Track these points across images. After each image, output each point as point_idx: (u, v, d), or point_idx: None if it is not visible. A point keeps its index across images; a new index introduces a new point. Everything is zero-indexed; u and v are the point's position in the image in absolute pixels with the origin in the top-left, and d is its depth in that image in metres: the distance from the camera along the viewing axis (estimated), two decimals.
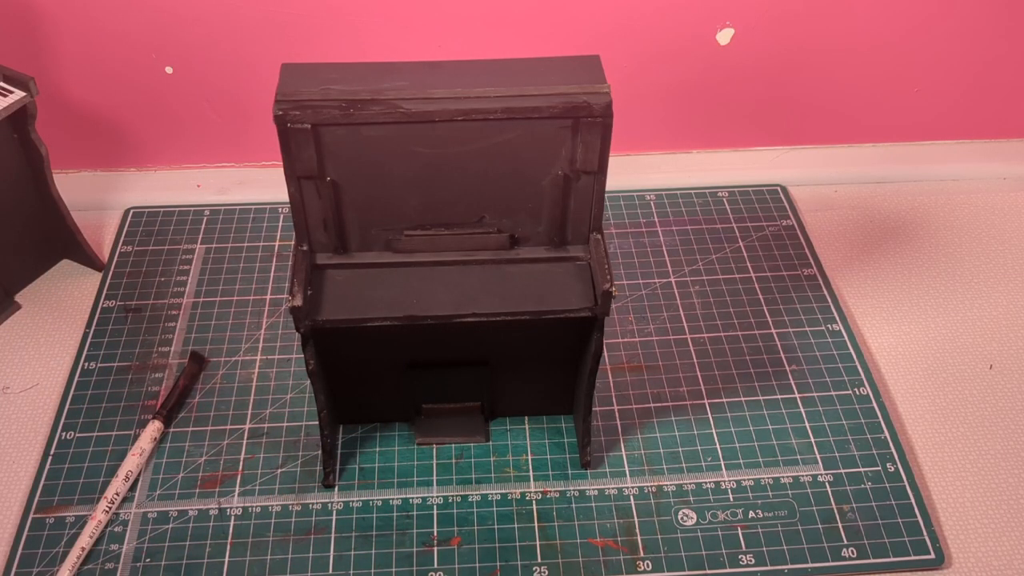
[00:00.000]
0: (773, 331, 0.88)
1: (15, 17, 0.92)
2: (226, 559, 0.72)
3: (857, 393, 0.83)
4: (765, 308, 0.91)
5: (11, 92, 0.80)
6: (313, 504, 0.75)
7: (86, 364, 0.85)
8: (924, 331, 0.90)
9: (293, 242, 0.69)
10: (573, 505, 0.75)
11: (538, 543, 0.73)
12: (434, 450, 0.79)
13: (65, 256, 0.95)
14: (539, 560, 0.72)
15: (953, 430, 0.81)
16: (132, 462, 0.76)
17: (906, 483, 0.76)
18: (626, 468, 0.77)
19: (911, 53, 0.98)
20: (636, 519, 0.74)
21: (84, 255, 0.93)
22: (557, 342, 0.74)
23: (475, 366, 0.76)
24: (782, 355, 0.86)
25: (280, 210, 1.01)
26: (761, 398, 0.83)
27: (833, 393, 0.83)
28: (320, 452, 0.77)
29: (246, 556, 0.72)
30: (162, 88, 0.98)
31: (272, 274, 0.93)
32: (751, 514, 0.74)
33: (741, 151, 1.06)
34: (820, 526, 0.74)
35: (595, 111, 0.62)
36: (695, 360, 0.86)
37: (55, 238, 0.92)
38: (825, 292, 0.92)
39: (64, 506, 0.75)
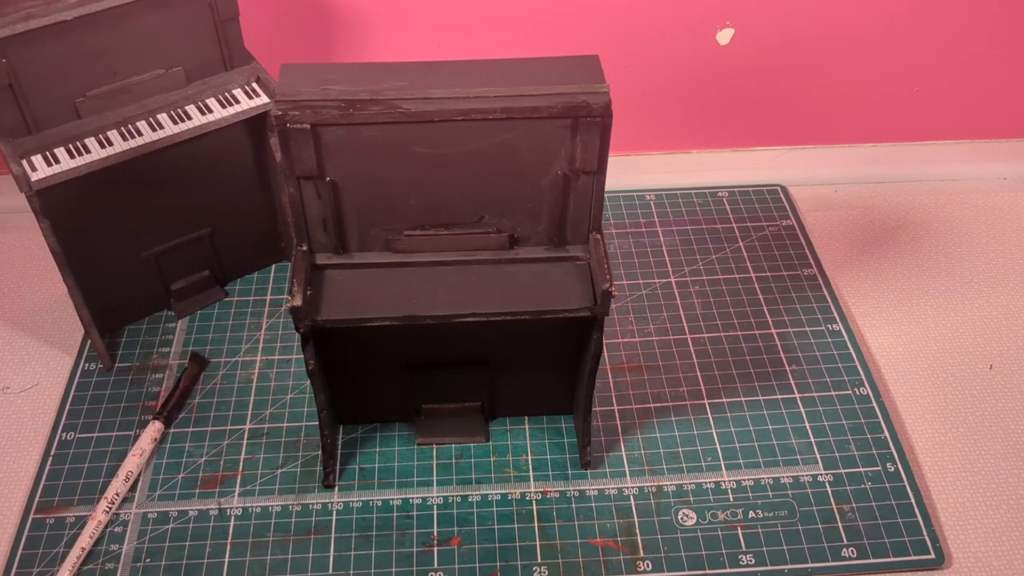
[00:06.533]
0: (773, 331, 0.88)
1: None
2: (226, 559, 0.72)
3: (857, 393, 0.83)
4: (765, 308, 0.91)
5: (258, 95, 0.79)
6: (313, 504, 0.75)
7: (86, 365, 0.85)
8: (924, 331, 0.90)
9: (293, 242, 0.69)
10: (573, 505, 0.75)
11: (538, 543, 0.73)
12: (434, 450, 0.79)
13: (277, 260, 0.95)
14: (539, 560, 0.72)
15: (953, 430, 0.81)
16: (132, 462, 0.76)
17: (906, 483, 0.76)
18: (626, 468, 0.77)
19: (910, 54, 0.98)
20: (636, 519, 0.74)
21: None
22: (557, 342, 0.74)
23: (475, 366, 0.76)
24: (782, 355, 0.86)
25: None
26: (761, 398, 0.83)
27: (833, 393, 0.83)
28: (320, 452, 0.77)
29: (246, 556, 0.72)
30: None
31: (272, 274, 0.93)
32: (751, 514, 0.74)
33: (741, 151, 1.06)
34: (820, 526, 0.74)
35: (594, 111, 0.62)
36: (695, 360, 0.86)
37: (270, 240, 0.92)
38: (825, 292, 0.92)
39: (64, 506, 0.75)
